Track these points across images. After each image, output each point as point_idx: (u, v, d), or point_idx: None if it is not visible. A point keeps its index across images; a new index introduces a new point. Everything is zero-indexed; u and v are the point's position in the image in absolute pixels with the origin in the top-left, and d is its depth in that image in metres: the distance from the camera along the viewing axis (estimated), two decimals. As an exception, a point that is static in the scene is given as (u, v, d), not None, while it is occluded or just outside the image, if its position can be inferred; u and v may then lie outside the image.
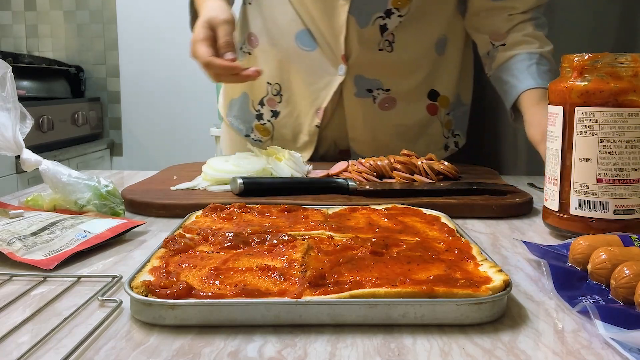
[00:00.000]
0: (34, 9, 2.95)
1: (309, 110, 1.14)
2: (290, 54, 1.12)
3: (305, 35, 1.11)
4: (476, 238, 0.68)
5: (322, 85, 1.12)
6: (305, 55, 1.11)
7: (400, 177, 0.90)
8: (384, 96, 1.13)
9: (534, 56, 1.04)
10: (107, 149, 2.93)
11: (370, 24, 1.06)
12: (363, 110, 1.13)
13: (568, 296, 0.49)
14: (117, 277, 0.54)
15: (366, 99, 1.13)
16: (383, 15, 1.06)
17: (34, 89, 2.58)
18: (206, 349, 0.41)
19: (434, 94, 1.16)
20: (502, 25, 1.08)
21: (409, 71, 1.13)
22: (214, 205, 0.71)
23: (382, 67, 1.11)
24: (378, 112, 1.14)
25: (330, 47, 1.09)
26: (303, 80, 1.13)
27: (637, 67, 0.63)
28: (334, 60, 1.10)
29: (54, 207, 0.74)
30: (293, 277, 0.48)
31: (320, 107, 1.13)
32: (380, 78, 1.12)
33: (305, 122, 1.15)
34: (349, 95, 1.12)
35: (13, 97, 0.71)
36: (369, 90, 1.12)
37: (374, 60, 1.10)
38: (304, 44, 1.11)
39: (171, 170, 1.03)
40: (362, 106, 1.13)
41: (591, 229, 0.64)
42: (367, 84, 1.12)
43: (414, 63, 1.12)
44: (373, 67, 1.11)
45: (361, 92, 1.12)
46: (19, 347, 0.41)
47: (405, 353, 0.40)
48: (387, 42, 1.09)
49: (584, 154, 0.64)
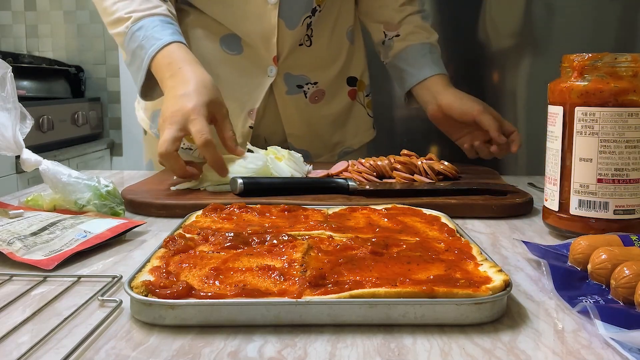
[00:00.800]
0: (34, 9, 2.95)
1: (241, 112, 1.15)
2: (216, 58, 1.12)
3: (230, 39, 1.11)
4: (476, 238, 0.68)
5: (252, 87, 1.14)
6: (231, 59, 1.12)
7: (400, 177, 0.90)
8: (314, 90, 1.18)
9: (426, 46, 1.16)
10: (107, 149, 2.92)
11: (300, 24, 1.10)
12: (296, 105, 1.17)
13: (568, 296, 0.49)
14: (117, 277, 0.54)
15: (298, 95, 1.17)
16: (310, 15, 1.10)
17: (34, 89, 2.58)
18: (206, 349, 0.41)
19: (352, 80, 1.24)
20: (395, 16, 1.18)
21: (329, 62, 1.19)
22: (214, 205, 0.71)
23: (305, 62, 1.15)
24: (309, 105, 1.18)
25: (259, 50, 1.10)
26: (231, 83, 1.13)
27: (637, 67, 0.63)
28: (262, 62, 1.12)
29: (54, 207, 0.74)
30: (293, 277, 0.48)
31: (253, 108, 1.14)
32: (306, 73, 1.16)
33: (238, 124, 1.15)
34: (281, 94, 1.15)
35: (13, 97, 0.71)
36: (299, 87, 1.16)
37: (297, 56, 1.14)
38: (230, 48, 1.12)
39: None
40: (294, 102, 1.17)
41: (591, 229, 0.64)
42: (296, 81, 1.16)
43: (332, 54, 1.19)
44: (297, 63, 1.14)
45: (292, 90, 1.16)
46: (19, 347, 0.41)
47: (405, 353, 0.40)
48: (306, 36, 1.13)
49: (584, 154, 0.64)
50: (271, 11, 1.06)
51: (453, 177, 0.92)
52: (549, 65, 1.50)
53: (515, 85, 1.62)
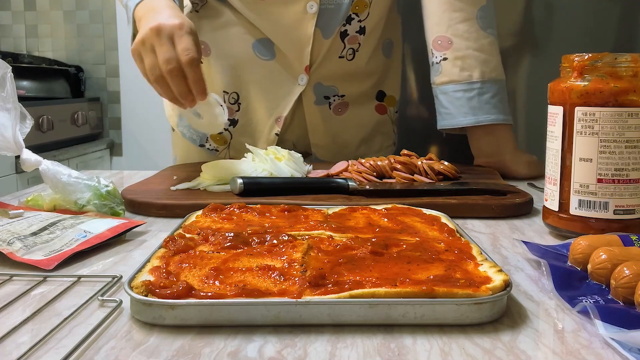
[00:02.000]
0: (34, 9, 2.95)
1: (268, 119, 1.14)
2: (247, 62, 1.11)
3: (263, 44, 1.10)
4: (476, 238, 0.68)
5: (281, 95, 1.12)
6: (262, 64, 1.11)
7: (400, 177, 0.90)
8: (338, 101, 1.15)
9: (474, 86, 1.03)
10: (106, 149, 2.92)
11: (334, 34, 1.08)
12: (322, 116, 1.15)
13: (568, 296, 0.49)
14: (117, 277, 0.54)
15: (324, 106, 1.15)
16: (344, 23, 1.08)
17: (33, 89, 2.58)
18: (206, 349, 0.41)
19: (381, 94, 1.21)
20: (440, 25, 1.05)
21: (364, 76, 1.16)
22: (214, 205, 0.71)
23: (340, 75, 1.13)
24: (333, 117, 1.16)
25: (292, 57, 1.09)
26: (260, 89, 1.12)
27: (637, 67, 0.63)
28: (293, 70, 1.10)
29: (54, 207, 0.74)
30: (293, 277, 0.48)
31: (281, 115, 1.13)
32: (336, 84, 1.14)
33: (264, 130, 1.15)
34: (309, 104, 1.14)
35: (13, 97, 0.71)
36: (326, 97, 1.14)
37: (332, 68, 1.12)
38: (262, 53, 1.10)
39: (171, 170, 1.03)
40: (320, 113, 1.15)
41: (591, 229, 0.64)
42: (325, 91, 1.14)
43: (369, 68, 1.16)
44: (331, 74, 1.13)
45: (320, 100, 1.14)
46: (19, 347, 0.41)
47: (405, 353, 0.40)
48: (350, 49, 1.11)
49: (584, 154, 0.64)
50: (309, 20, 1.05)
51: (453, 177, 0.92)
52: (549, 65, 1.50)
53: (515, 85, 1.62)
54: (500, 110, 1.04)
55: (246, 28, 1.09)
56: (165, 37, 0.83)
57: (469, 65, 1.03)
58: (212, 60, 1.14)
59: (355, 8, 1.06)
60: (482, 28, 1.03)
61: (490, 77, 1.03)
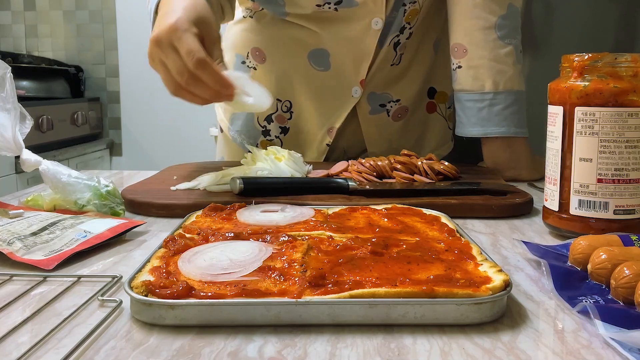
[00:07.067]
0: (34, 9, 2.95)
1: (320, 129, 1.13)
2: (301, 72, 1.10)
3: (319, 55, 1.08)
4: (476, 238, 0.68)
5: (334, 106, 1.11)
6: (316, 75, 1.09)
7: (400, 177, 0.90)
8: (397, 107, 1.13)
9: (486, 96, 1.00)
10: (106, 149, 2.93)
11: (387, 44, 1.07)
12: (377, 124, 1.14)
13: (568, 296, 0.49)
14: (117, 277, 0.54)
15: (380, 114, 1.13)
16: (398, 34, 1.06)
17: (33, 89, 2.58)
18: (206, 349, 0.41)
19: (432, 91, 1.18)
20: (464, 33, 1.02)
21: (413, 75, 1.13)
22: (214, 205, 0.71)
23: (389, 79, 1.11)
24: (391, 123, 1.14)
25: (348, 70, 1.07)
26: (313, 99, 1.11)
27: (637, 67, 0.63)
28: (348, 82, 1.09)
29: (54, 207, 0.74)
30: (293, 277, 0.48)
31: (333, 126, 1.12)
32: (389, 90, 1.12)
33: (315, 140, 1.14)
34: (364, 114, 1.12)
35: (12, 97, 0.71)
36: (382, 106, 1.12)
37: (384, 75, 1.10)
38: (317, 63, 1.09)
39: (171, 170, 1.03)
40: (376, 121, 1.13)
41: (591, 229, 0.64)
42: (380, 100, 1.12)
43: (417, 67, 1.13)
44: (382, 81, 1.11)
45: (375, 109, 1.12)
46: (19, 347, 0.41)
47: (405, 353, 0.40)
48: (400, 55, 1.09)
49: (584, 154, 0.64)
50: (372, 36, 1.03)
51: (453, 177, 0.92)
52: (549, 65, 1.50)
53: (515, 85, 1.62)
54: (512, 122, 1.01)
55: (303, 37, 1.08)
56: (166, 46, 0.75)
57: (482, 75, 1.00)
58: (267, 67, 1.13)
59: (408, 17, 1.05)
60: (500, 38, 0.99)
61: (505, 88, 1.00)
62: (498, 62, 1.00)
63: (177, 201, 0.80)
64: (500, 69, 1.00)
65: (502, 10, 1.00)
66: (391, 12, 1.04)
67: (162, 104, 2.88)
